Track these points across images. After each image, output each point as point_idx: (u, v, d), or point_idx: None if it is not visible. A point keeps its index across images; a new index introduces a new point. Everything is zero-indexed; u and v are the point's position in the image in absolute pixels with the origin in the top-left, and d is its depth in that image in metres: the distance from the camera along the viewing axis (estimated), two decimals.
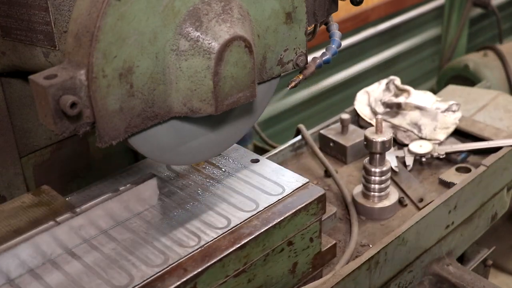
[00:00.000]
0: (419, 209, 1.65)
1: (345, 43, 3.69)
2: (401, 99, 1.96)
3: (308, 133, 1.93)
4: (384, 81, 2.07)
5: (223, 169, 1.40)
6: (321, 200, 1.32)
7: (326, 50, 1.41)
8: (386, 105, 1.97)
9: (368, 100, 2.05)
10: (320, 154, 1.83)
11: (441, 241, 1.62)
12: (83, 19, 0.95)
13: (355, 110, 2.03)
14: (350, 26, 3.73)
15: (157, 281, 1.08)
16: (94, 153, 1.62)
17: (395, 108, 1.95)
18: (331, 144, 1.89)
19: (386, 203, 1.63)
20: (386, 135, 1.58)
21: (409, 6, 4.13)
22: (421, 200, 1.69)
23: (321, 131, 1.92)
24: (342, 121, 1.89)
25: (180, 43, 1.04)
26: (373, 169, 1.61)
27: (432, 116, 1.89)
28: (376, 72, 4.09)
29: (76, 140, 1.56)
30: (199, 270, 1.11)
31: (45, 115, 0.93)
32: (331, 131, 1.92)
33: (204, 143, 1.23)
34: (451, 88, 2.43)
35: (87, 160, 1.61)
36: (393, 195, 1.66)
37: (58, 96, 0.91)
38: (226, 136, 1.27)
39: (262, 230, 1.21)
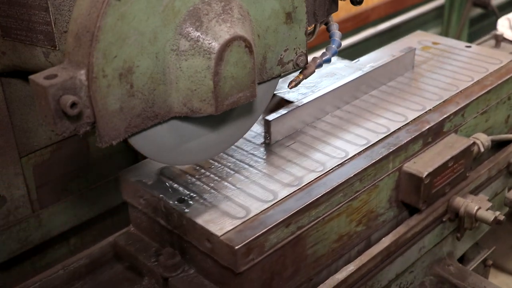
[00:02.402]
0: None
1: (345, 43, 3.69)
2: None
3: None
4: None
5: (447, 50, 1.95)
6: None
7: (326, 50, 1.41)
8: None
9: (509, 24, 2.50)
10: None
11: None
12: (83, 19, 0.95)
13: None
14: (350, 26, 3.73)
15: (441, 106, 1.62)
16: (94, 153, 1.61)
17: None
18: None
19: None
20: None
21: (409, 6, 4.13)
22: None
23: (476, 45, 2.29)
24: (496, 36, 2.28)
25: (180, 43, 1.04)
26: None
27: None
28: None
29: (76, 140, 1.56)
30: (466, 103, 1.63)
31: (45, 115, 0.93)
32: (485, 45, 2.28)
33: (204, 143, 1.23)
34: None
35: (87, 160, 1.61)
36: None
37: (58, 96, 0.91)
38: (226, 136, 1.27)
39: (498, 82, 1.74)
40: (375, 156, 1.40)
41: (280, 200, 1.26)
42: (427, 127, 1.51)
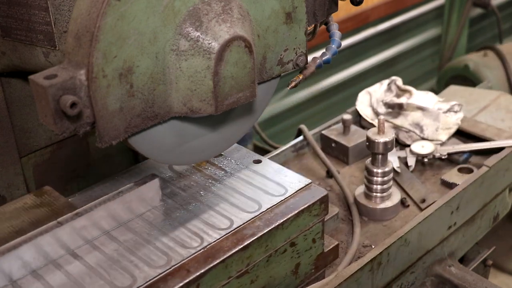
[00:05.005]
0: (421, 209, 1.64)
1: (345, 43, 3.69)
2: (403, 100, 1.94)
3: (310, 133, 1.93)
4: (385, 82, 2.06)
5: (226, 170, 1.39)
6: (323, 201, 1.31)
7: (326, 50, 1.41)
8: (388, 105, 1.96)
9: (369, 100, 2.04)
10: (322, 155, 1.83)
11: (443, 242, 1.62)
12: (83, 19, 0.95)
13: (356, 111, 2.03)
14: (350, 26, 3.73)
15: (160, 282, 1.07)
16: (94, 153, 1.61)
17: (397, 109, 1.93)
18: (333, 145, 1.88)
19: (388, 203, 1.63)
20: (388, 136, 1.56)
21: (409, 6, 4.13)
22: (423, 201, 1.68)
23: (323, 132, 1.92)
24: (344, 121, 1.88)
25: (180, 43, 1.04)
26: (375, 170, 1.60)
27: (434, 116, 1.88)
28: (376, 72, 4.09)
29: (76, 140, 1.55)
30: (202, 271, 1.10)
31: (45, 115, 0.93)
32: (332, 131, 1.91)
33: (204, 143, 1.23)
34: (452, 88, 2.43)
35: (87, 160, 1.61)
36: (395, 196, 1.65)
37: (58, 96, 0.91)
38: (226, 136, 1.27)
39: (265, 231, 1.20)
40: None
41: None
42: None
